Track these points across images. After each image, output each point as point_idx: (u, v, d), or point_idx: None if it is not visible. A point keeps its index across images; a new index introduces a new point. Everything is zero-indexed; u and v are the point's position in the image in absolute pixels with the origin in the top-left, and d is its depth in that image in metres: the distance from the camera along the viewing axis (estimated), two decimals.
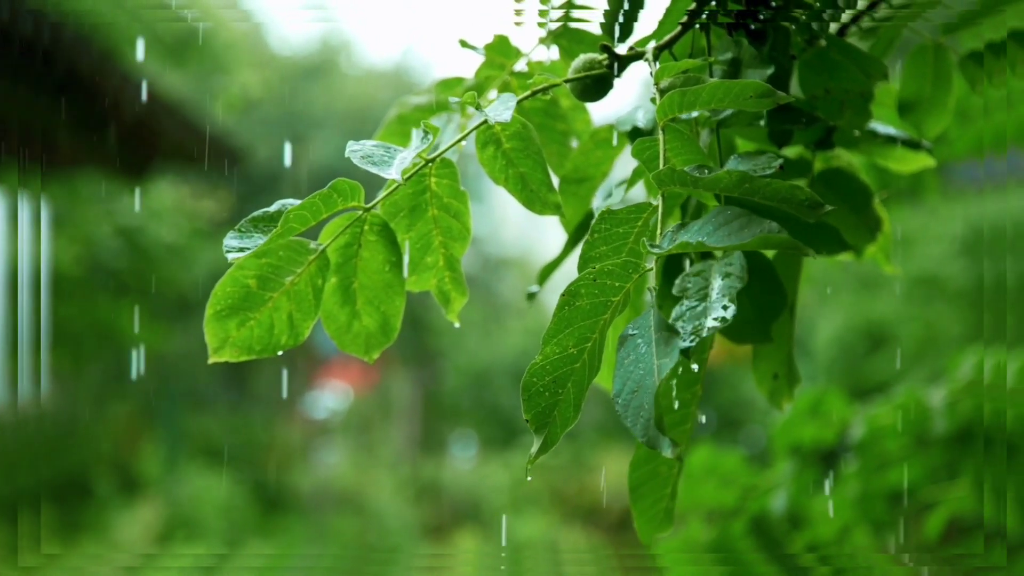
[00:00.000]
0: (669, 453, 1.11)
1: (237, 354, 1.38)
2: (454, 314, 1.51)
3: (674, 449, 1.11)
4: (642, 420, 1.13)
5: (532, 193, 1.44)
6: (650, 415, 1.12)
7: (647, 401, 1.13)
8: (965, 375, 3.15)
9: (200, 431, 13.06)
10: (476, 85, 1.75)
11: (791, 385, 1.71)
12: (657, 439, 1.12)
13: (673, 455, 1.11)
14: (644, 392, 1.14)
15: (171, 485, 11.34)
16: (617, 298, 1.21)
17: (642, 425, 1.13)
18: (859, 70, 1.59)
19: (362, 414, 16.12)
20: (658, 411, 1.12)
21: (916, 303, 9.56)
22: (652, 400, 1.12)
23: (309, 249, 1.39)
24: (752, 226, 1.17)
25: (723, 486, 3.31)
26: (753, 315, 1.49)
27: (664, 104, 1.31)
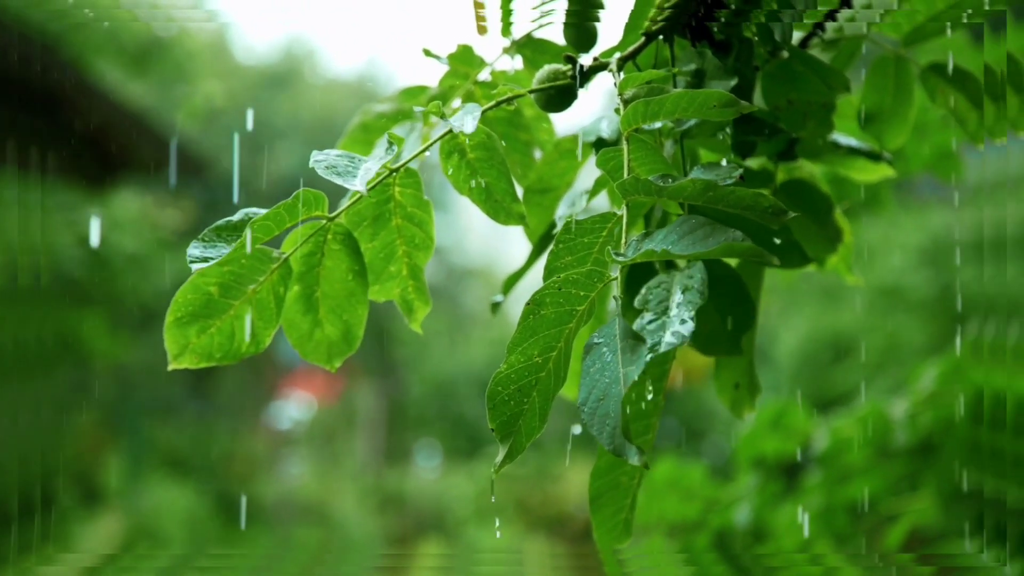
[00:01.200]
0: (636, 460, 1.11)
1: (197, 361, 1.38)
2: (417, 323, 1.51)
3: (641, 457, 1.11)
4: (608, 428, 1.13)
5: (496, 203, 1.45)
6: (616, 423, 1.12)
7: (613, 409, 1.13)
8: (926, 387, 3.16)
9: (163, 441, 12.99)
10: (440, 94, 1.75)
11: (752, 395, 1.72)
12: (624, 447, 1.12)
13: (640, 463, 1.11)
14: (610, 400, 1.14)
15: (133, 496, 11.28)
16: (582, 307, 1.21)
17: (608, 433, 1.13)
18: (821, 82, 1.60)
19: (326, 424, 16.07)
20: (624, 419, 1.12)
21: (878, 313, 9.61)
22: (619, 408, 1.12)
23: (272, 257, 1.38)
24: (717, 235, 1.17)
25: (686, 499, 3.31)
26: (723, 327, 1.50)
27: (628, 114, 1.32)
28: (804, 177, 1.74)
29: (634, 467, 1.48)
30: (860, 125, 1.80)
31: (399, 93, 1.79)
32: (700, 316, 1.48)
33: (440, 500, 13.45)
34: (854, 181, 1.87)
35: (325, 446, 15.69)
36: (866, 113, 1.79)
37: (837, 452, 3.22)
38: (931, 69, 1.74)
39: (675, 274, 1.25)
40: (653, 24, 1.53)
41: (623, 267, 1.22)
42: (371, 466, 15.62)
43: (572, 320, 1.22)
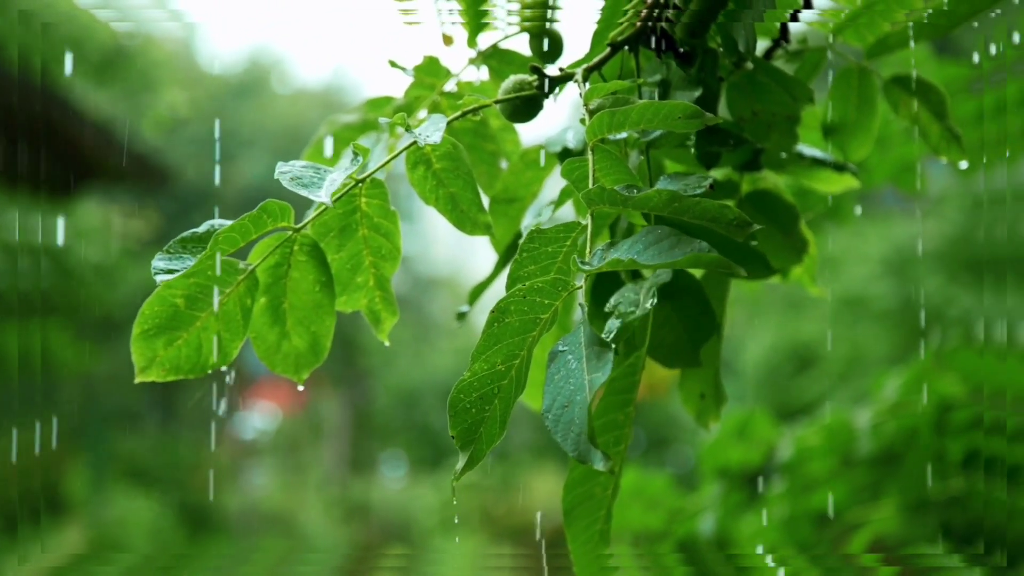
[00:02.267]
0: (601, 466, 1.11)
1: (164, 374, 1.37)
2: (384, 334, 1.51)
3: (606, 462, 1.11)
4: (573, 435, 1.13)
5: (462, 213, 1.45)
6: (582, 429, 1.12)
7: (579, 416, 1.13)
8: (890, 396, 3.18)
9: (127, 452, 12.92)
10: (406, 105, 1.75)
11: (718, 405, 1.72)
12: (588, 452, 1.12)
13: (605, 468, 1.11)
14: (575, 407, 1.14)
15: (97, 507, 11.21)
16: (546, 315, 1.22)
17: (573, 439, 1.13)
18: (786, 93, 1.61)
19: (291, 434, 16.03)
20: (589, 425, 1.12)
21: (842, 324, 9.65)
22: (584, 415, 1.12)
23: (238, 269, 1.38)
24: (682, 245, 1.18)
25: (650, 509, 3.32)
26: (683, 338, 1.50)
27: (593, 125, 1.32)
28: (769, 188, 1.74)
29: (608, 478, 1.48)
30: (824, 136, 1.81)
31: (365, 104, 1.79)
32: (665, 327, 1.49)
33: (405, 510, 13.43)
34: (818, 192, 1.88)
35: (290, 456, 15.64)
36: (830, 124, 1.80)
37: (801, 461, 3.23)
38: (894, 81, 1.75)
39: (642, 282, 1.26)
40: (618, 35, 1.53)
41: (589, 276, 1.23)
42: (336, 476, 15.58)
43: (536, 328, 1.22)
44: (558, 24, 1.75)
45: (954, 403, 3.10)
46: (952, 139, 1.73)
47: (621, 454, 1.48)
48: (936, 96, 1.74)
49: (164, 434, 14.22)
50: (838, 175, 1.80)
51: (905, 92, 1.75)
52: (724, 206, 1.21)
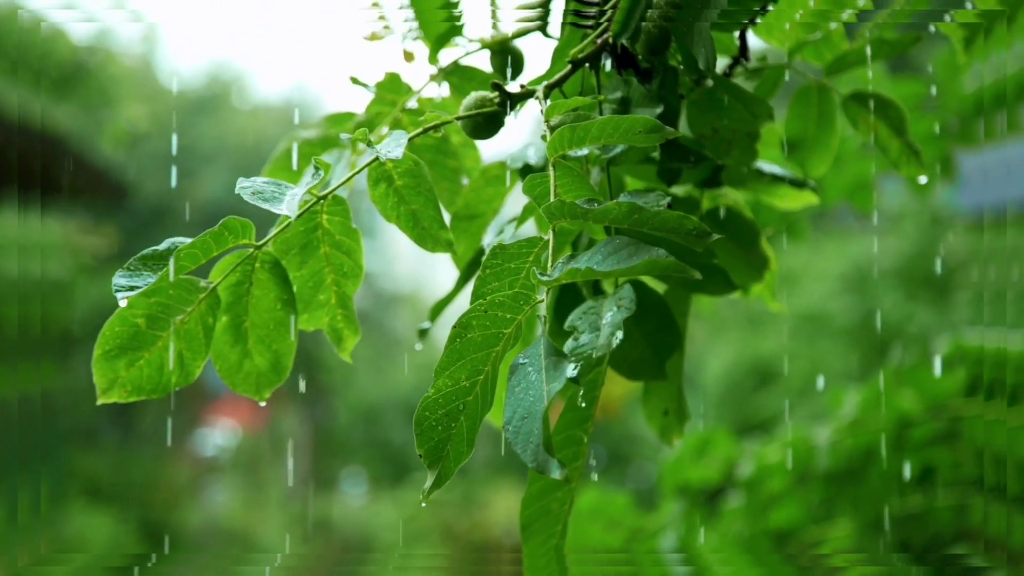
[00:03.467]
0: (558, 475, 1.11)
1: (126, 395, 1.36)
2: (347, 352, 1.51)
3: (562, 471, 1.11)
4: (532, 445, 1.13)
5: (424, 230, 1.45)
6: (539, 440, 1.12)
7: (537, 427, 1.13)
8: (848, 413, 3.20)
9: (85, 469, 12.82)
10: (367, 121, 1.75)
11: (681, 421, 1.72)
12: (547, 463, 1.12)
13: (562, 477, 1.11)
14: (534, 418, 1.14)
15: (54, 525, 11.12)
16: (509, 330, 1.21)
17: (532, 450, 1.13)
18: (746, 110, 1.62)
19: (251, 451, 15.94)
20: (546, 435, 1.12)
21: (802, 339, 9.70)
22: (542, 425, 1.12)
23: (199, 287, 1.37)
24: (640, 252, 1.18)
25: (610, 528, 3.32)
26: (648, 352, 1.51)
27: (554, 140, 1.32)
28: (730, 204, 1.75)
29: (565, 493, 1.48)
30: (784, 153, 1.82)
31: (326, 119, 1.79)
32: (629, 342, 1.49)
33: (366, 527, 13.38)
34: (778, 208, 1.88)
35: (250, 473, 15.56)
36: (790, 141, 1.81)
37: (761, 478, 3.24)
38: (853, 98, 1.76)
39: (603, 299, 1.26)
40: (579, 52, 1.54)
41: (551, 291, 1.23)
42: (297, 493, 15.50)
43: (499, 343, 1.21)
44: (519, 41, 1.75)
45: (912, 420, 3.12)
46: (911, 154, 1.74)
47: (579, 469, 1.48)
48: (895, 112, 1.75)
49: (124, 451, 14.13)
50: (798, 192, 1.80)
51: (864, 108, 1.76)
52: (684, 216, 1.21)
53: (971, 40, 1.81)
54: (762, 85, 1.78)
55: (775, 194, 1.82)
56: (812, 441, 3.22)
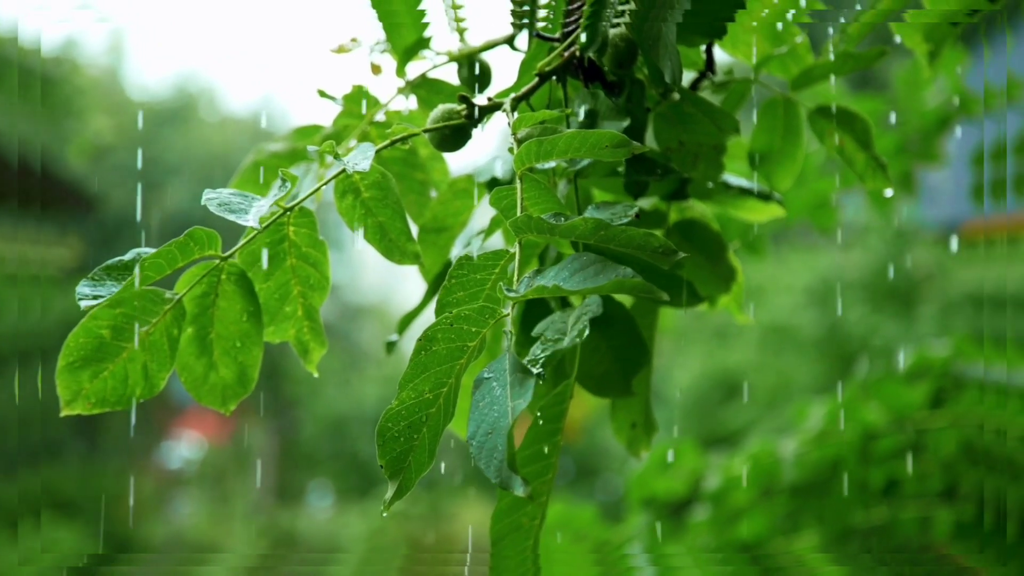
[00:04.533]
0: (521, 492, 1.11)
1: (90, 407, 1.35)
2: (313, 365, 1.50)
3: (526, 488, 1.11)
4: (495, 461, 1.13)
5: (391, 242, 1.44)
6: (503, 456, 1.12)
7: (501, 442, 1.13)
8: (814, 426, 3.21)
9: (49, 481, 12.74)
10: (334, 133, 1.75)
11: (649, 434, 1.73)
12: (510, 479, 1.12)
13: (525, 494, 1.11)
14: (498, 433, 1.14)
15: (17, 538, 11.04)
16: (473, 343, 1.21)
17: (495, 466, 1.13)
18: (712, 123, 1.62)
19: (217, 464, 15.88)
20: (510, 451, 1.12)
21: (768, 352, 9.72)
22: (506, 441, 1.12)
23: (165, 299, 1.36)
24: (607, 271, 1.18)
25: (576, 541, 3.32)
26: (615, 368, 1.51)
27: (522, 154, 1.32)
28: (696, 217, 1.75)
29: (535, 508, 1.48)
30: (751, 166, 1.83)
31: (293, 132, 1.78)
32: (595, 357, 1.49)
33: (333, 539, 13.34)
34: (744, 221, 1.89)
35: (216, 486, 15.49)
36: (756, 154, 1.81)
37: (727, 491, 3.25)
38: (819, 111, 1.77)
39: (571, 311, 1.26)
40: (546, 65, 1.54)
41: (517, 304, 1.23)
42: (263, 505, 15.45)
43: (463, 356, 1.21)
44: (486, 54, 1.75)
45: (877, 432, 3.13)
46: (877, 167, 1.75)
47: (548, 483, 1.48)
48: (861, 125, 1.75)
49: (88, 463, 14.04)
50: (764, 204, 1.81)
51: (830, 122, 1.76)
52: (650, 234, 1.21)
53: (935, 54, 1.82)
54: (728, 99, 1.79)
55: (742, 207, 1.82)
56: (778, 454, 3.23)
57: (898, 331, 8.85)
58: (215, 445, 16.15)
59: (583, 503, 3.43)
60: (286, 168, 1.69)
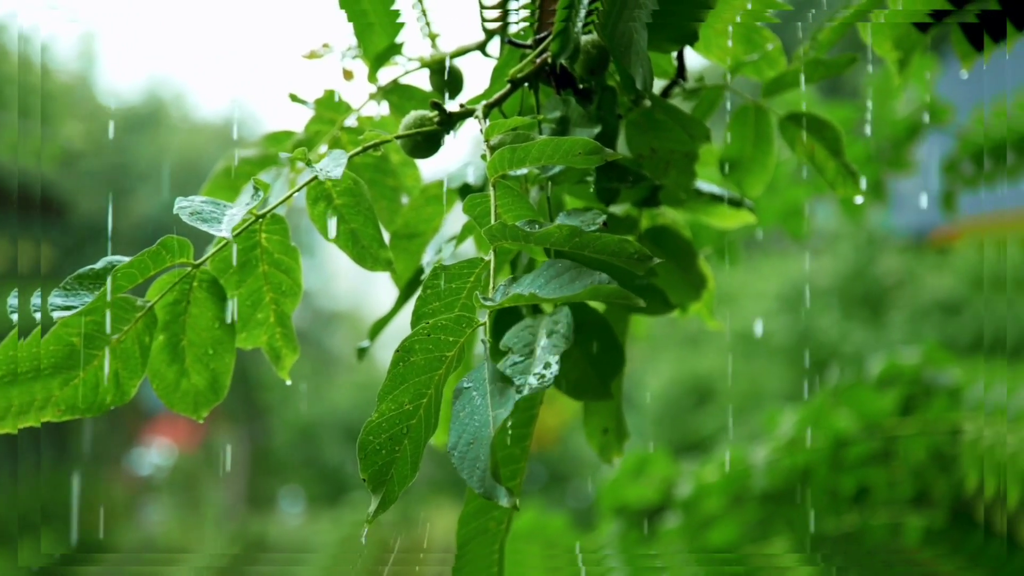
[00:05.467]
0: (506, 502, 1.11)
1: (60, 414, 1.34)
2: (285, 371, 1.50)
3: (510, 499, 1.11)
4: (478, 471, 1.13)
5: (363, 249, 1.44)
6: (486, 466, 1.12)
7: (483, 452, 1.13)
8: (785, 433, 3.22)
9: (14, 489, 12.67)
10: (306, 139, 1.74)
11: (620, 440, 1.73)
12: (494, 489, 1.12)
13: (510, 504, 1.11)
14: (480, 443, 1.13)
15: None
16: (451, 353, 1.21)
17: (478, 476, 1.13)
18: (683, 130, 1.63)
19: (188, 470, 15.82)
20: (493, 461, 1.12)
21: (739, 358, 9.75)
22: (488, 451, 1.12)
23: (136, 306, 1.36)
24: (583, 278, 1.18)
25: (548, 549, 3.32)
26: (591, 372, 1.51)
27: (494, 161, 1.32)
28: (668, 224, 1.76)
29: (502, 512, 1.48)
30: (722, 173, 1.83)
31: (265, 138, 1.78)
32: (569, 361, 1.49)
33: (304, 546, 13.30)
34: (716, 228, 1.90)
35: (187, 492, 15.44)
36: (727, 161, 1.82)
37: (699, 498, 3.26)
38: (790, 118, 1.78)
39: (541, 318, 1.26)
40: (518, 72, 1.54)
41: (491, 312, 1.23)
42: (234, 512, 15.40)
43: (442, 366, 1.21)
44: (458, 60, 1.75)
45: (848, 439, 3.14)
46: (848, 175, 1.76)
47: (517, 487, 1.48)
48: (831, 133, 1.76)
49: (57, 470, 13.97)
50: (735, 211, 1.81)
51: (801, 129, 1.77)
52: (624, 240, 1.21)
53: (905, 61, 1.83)
54: (700, 106, 1.79)
55: (713, 213, 1.83)
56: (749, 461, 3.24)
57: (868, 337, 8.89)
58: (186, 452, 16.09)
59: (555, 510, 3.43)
60: (258, 174, 1.69)
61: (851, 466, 3.15)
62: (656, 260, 1.21)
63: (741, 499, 3.23)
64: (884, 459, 3.17)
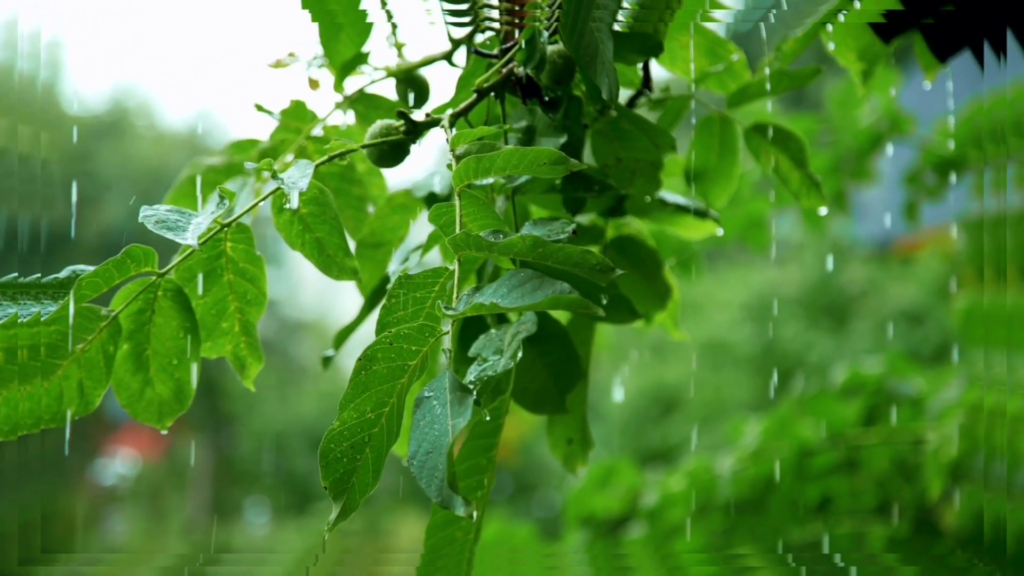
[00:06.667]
0: (462, 512, 1.11)
1: None
2: (250, 380, 1.49)
3: (467, 508, 1.11)
4: (436, 480, 1.13)
5: (329, 258, 1.44)
6: (444, 475, 1.12)
7: (441, 462, 1.13)
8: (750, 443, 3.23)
9: None
10: (271, 148, 1.74)
11: (585, 450, 1.73)
12: (451, 499, 1.12)
13: (466, 514, 1.11)
14: (438, 453, 1.13)
15: None
16: (414, 362, 1.21)
17: (436, 485, 1.13)
18: (649, 140, 1.63)
19: (152, 480, 15.75)
20: (451, 470, 1.12)
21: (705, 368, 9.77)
22: (446, 460, 1.12)
23: (100, 315, 1.35)
24: (544, 287, 1.18)
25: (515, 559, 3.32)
26: (549, 385, 1.51)
27: (460, 170, 1.32)
28: (633, 234, 1.76)
29: (469, 522, 1.48)
30: (687, 183, 1.84)
31: (230, 147, 1.78)
32: (530, 373, 1.50)
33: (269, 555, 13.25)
34: (681, 238, 1.90)
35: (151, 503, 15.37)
36: (692, 171, 1.83)
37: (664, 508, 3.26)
38: (755, 129, 1.79)
39: (508, 326, 1.26)
40: (484, 81, 1.54)
41: (455, 321, 1.23)
42: (199, 522, 15.34)
43: (404, 375, 1.21)
44: (424, 69, 1.75)
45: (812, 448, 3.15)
46: (812, 186, 1.77)
47: (484, 498, 1.48)
48: (795, 144, 1.77)
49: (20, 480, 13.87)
50: (700, 221, 1.82)
51: (765, 140, 1.78)
52: (587, 251, 1.21)
53: (869, 73, 1.84)
54: (665, 116, 1.80)
55: (678, 224, 1.83)
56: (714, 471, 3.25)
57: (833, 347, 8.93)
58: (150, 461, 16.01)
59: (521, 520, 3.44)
60: (223, 183, 1.69)
61: (815, 475, 3.16)
62: (618, 271, 1.21)
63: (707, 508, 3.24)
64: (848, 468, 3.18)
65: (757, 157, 1.79)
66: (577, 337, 1.61)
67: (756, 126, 1.78)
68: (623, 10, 1.53)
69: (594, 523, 3.36)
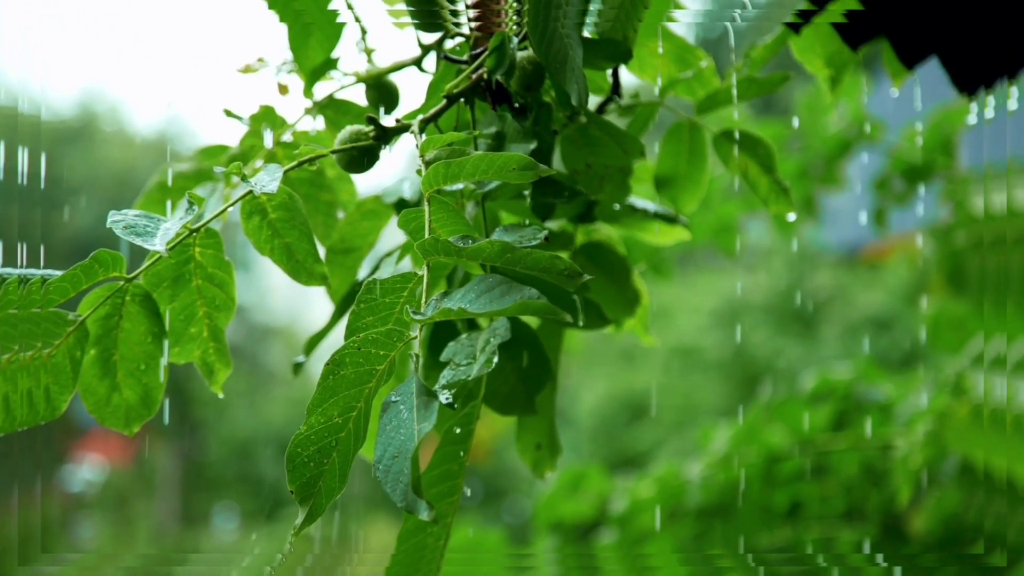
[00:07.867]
0: (426, 516, 1.11)
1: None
2: (218, 386, 1.49)
3: (430, 512, 1.11)
4: (401, 485, 1.13)
5: (298, 264, 1.44)
6: (409, 480, 1.12)
7: (406, 467, 1.13)
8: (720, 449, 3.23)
9: None
10: (240, 153, 1.74)
11: (553, 455, 1.73)
12: (415, 503, 1.12)
13: (430, 519, 1.11)
14: (404, 457, 1.13)
15: None
16: (382, 366, 1.21)
17: (401, 490, 1.13)
18: (618, 147, 1.63)
19: (120, 487, 15.67)
20: (415, 475, 1.12)
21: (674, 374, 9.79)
22: (411, 465, 1.12)
23: (67, 320, 1.35)
24: (512, 293, 1.18)
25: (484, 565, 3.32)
26: (519, 387, 1.51)
27: (429, 176, 1.32)
28: (603, 240, 1.77)
29: (440, 529, 1.48)
30: (656, 189, 1.84)
31: (199, 152, 1.77)
32: (500, 377, 1.50)
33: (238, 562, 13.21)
34: (650, 244, 1.91)
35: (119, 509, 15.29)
36: (661, 177, 1.83)
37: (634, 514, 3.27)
38: (724, 135, 1.79)
39: (480, 332, 1.26)
40: (454, 87, 1.54)
41: (425, 326, 1.23)
42: (167, 528, 15.27)
43: (372, 380, 1.21)
44: (394, 75, 1.75)
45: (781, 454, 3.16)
46: (780, 192, 1.77)
47: (454, 504, 1.48)
48: (764, 150, 1.77)
49: None
50: (670, 227, 1.83)
51: (735, 146, 1.78)
52: (555, 257, 1.22)
53: (837, 79, 1.85)
54: (634, 122, 1.80)
55: (648, 229, 1.84)
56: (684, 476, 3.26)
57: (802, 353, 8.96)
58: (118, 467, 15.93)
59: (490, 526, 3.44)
60: (192, 188, 1.68)
61: (784, 481, 3.17)
62: (587, 277, 1.21)
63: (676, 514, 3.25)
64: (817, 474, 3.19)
65: (726, 163, 1.80)
66: (546, 342, 1.61)
67: (725, 132, 1.79)
68: (590, 14, 1.53)
69: (564, 529, 3.37)
